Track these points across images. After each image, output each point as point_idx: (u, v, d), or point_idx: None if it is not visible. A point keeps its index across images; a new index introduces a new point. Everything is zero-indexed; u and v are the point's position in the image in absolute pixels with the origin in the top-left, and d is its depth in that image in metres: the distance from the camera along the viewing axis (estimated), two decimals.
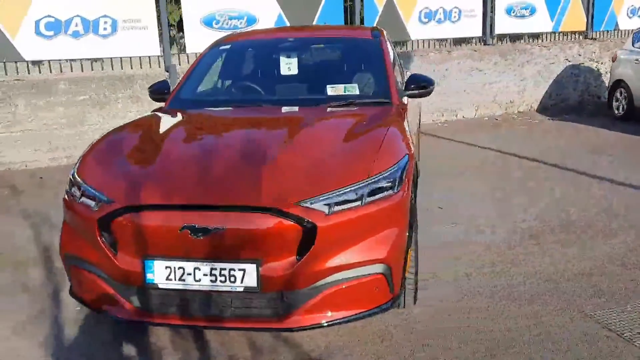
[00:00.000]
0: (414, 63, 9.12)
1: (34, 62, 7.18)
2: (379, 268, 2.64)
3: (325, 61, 4.25)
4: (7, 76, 6.87)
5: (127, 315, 2.72)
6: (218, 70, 4.33)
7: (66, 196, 2.93)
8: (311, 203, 2.54)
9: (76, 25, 7.03)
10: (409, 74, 5.22)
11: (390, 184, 2.73)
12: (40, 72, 7.03)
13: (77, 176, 2.92)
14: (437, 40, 9.80)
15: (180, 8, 7.68)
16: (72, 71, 7.25)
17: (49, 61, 7.03)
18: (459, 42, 10.13)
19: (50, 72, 7.06)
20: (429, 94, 3.98)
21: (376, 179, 2.68)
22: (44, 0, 6.85)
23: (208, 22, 7.80)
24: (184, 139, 3.12)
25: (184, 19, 7.69)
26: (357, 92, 3.77)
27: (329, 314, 2.63)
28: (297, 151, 2.88)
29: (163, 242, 2.58)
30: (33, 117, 6.83)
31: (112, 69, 7.42)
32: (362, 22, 9.01)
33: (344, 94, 3.75)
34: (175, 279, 2.58)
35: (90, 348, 2.99)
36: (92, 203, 2.73)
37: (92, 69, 7.43)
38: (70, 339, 3.08)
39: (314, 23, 8.51)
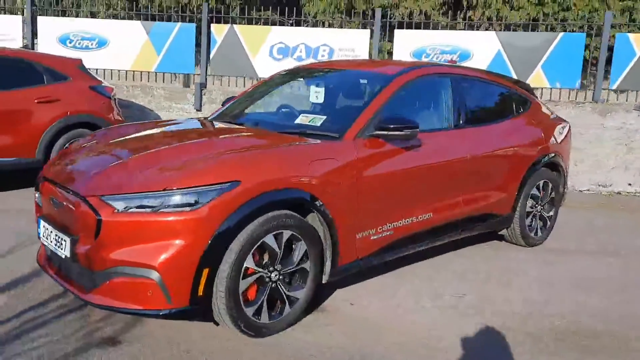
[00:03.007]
0: None
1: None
2: (148, 273, 2.85)
3: (335, 94, 4.21)
4: (244, 88, 8.55)
5: (43, 263, 3.56)
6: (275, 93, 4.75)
7: None
8: (111, 199, 2.94)
9: (300, 51, 8.25)
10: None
11: (191, 200, 2.88)
12: None
13: None
14: None
15: (392, 42, 8.11)
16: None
17: None
18: None
19: None
20: (406, 137, 3.60)
21: (171, 193, 2.88)
22: (279, 30, 8.30)
23: (417, 55, 7.99)
24: (124, 139, 3.75)
25: (394, 52, 8.09)
26: (318, 124, 3.71)
27: (116, 301, 2.97)
28: (154, 158, 3.21)
29: (45, 206, 3.38)
30: None
31: None
32: (608, 66, 7.70)
33: (307, 123, 3.76)
34: (45, 237, 3.33)
35: None
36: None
37: None
38: None
39: (542, 62, 7.73)
